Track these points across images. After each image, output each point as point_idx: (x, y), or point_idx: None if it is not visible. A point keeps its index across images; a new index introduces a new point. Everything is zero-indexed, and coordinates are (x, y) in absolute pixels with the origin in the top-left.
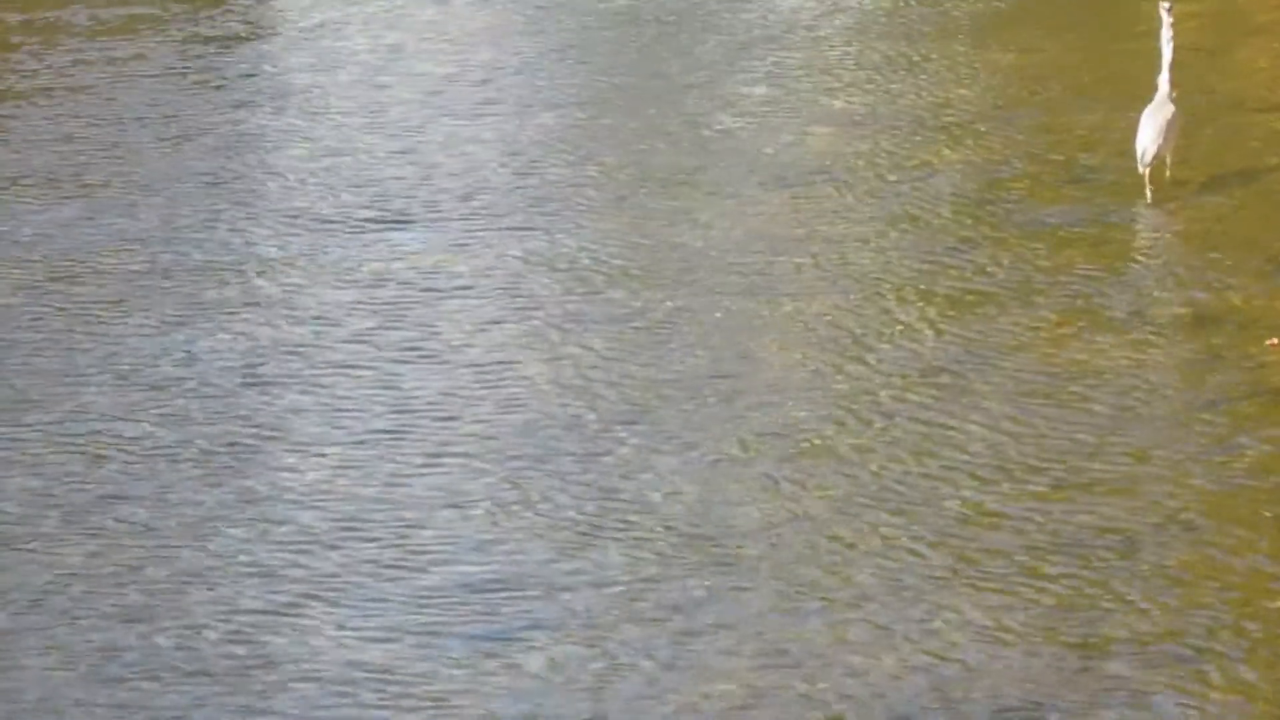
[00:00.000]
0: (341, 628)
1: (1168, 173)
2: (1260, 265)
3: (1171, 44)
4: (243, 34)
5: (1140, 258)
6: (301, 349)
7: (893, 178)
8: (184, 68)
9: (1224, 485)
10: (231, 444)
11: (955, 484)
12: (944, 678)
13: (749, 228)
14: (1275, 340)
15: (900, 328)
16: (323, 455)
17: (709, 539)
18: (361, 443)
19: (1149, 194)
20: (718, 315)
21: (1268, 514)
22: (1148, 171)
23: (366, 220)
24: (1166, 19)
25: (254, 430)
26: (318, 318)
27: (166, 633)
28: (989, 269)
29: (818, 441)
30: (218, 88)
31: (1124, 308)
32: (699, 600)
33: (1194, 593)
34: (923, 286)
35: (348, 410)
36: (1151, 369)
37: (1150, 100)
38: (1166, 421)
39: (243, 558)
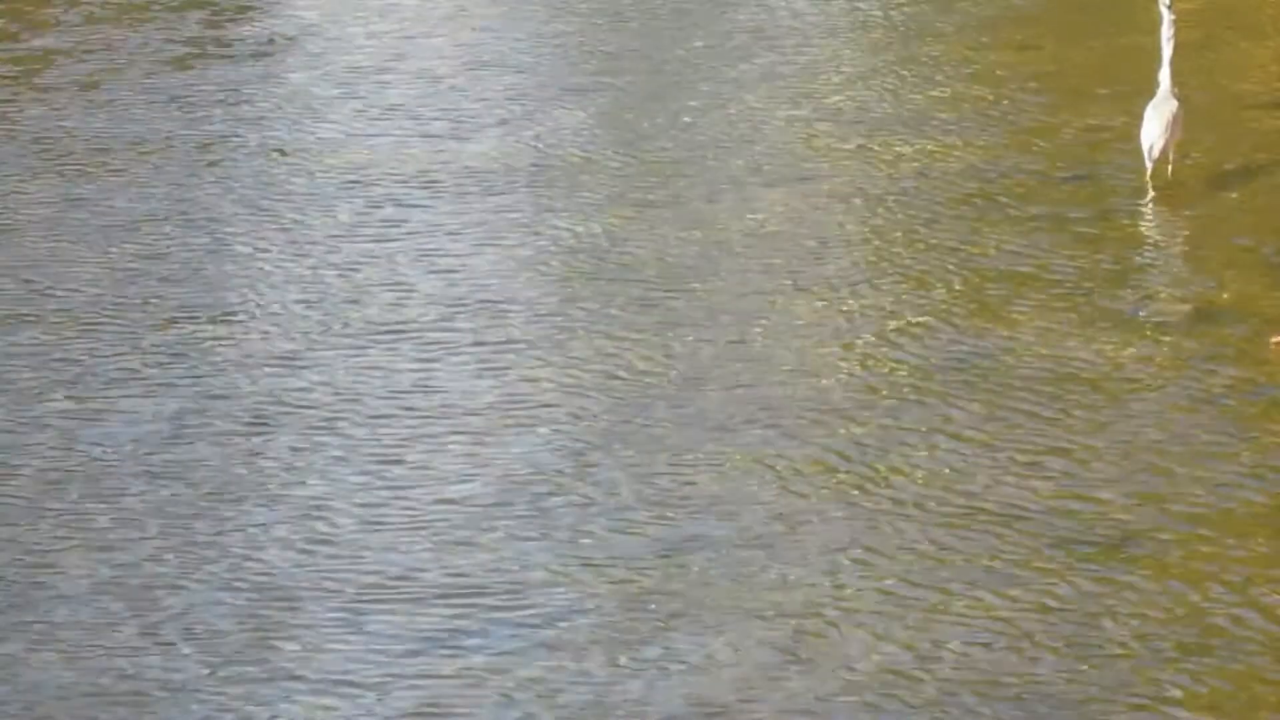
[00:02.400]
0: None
1: (1169, 169)
2: (1263, 262)
3: (1172, 41)
4: (252, 19)
5: (1142, 254)
6: (312, 331)
7: (893, 174)
8: (189, 53)
9: (1226, 482)
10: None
11: (958, 478)
12: (939, 670)
13: (750, 223)
14: (1278, 338)
15: (902, 324)
16: (340, 435)
17: (729, 527)
18: (377, 422)
19: (1151, 190)
20: (720, 308)
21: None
22: (1151, 167)
23: (373, 203)
24: (1167, 16)
25: (266, 414)
26: (324, 300)
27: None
28: (990, 265)
29: (824, 433)
30: (225, 64)
31: (1126, 304)
32: (727, 587)
33: (1195, 590)
34: (923, 283)
35: (357, 393)
36: (1153, 365)
37: (1153, 96)
38: (1168, 418)
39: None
